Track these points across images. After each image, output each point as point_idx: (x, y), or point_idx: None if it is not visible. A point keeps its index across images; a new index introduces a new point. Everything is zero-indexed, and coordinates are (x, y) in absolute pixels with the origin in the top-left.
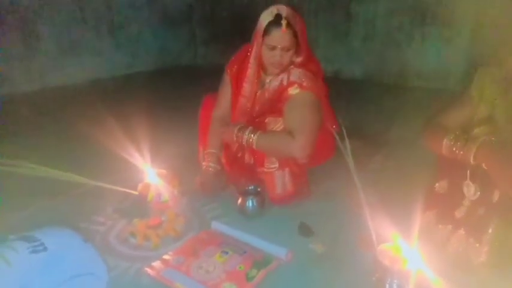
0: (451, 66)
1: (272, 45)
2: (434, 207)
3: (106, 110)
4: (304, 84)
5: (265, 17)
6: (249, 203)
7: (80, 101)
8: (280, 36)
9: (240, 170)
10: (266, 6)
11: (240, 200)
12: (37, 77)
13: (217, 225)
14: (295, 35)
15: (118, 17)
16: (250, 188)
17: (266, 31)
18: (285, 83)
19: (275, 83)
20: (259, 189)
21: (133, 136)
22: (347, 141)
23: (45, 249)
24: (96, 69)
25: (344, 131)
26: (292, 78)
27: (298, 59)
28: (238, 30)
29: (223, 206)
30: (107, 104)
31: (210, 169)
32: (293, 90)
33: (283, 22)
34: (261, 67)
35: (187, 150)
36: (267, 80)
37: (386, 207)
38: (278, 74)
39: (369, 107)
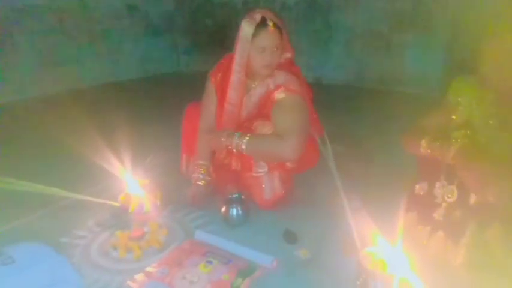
0: (429, 72)
1: (262, 46)
2: (415, 208)
3: (87, 120)
4: (291, 87)
5: (249, 23)
6: (233, 211)
7: (60, 112)
8: (269, 37)
9: (227, 177)
10: (246, 13)
11: (223, 209)
12: (16, 88)
13: (201, 235)
14: (281, 33)
15: (98, 27)
16: (234, 196)
17: (254, 34)
18: (271, 87)
19: (261, 88)
20: (243, 197)
21: (115, 146)
22: (329, 146)
23: (13, 261)
24: (77, 79)
25: (326, 137)
26: (278, 82)
27: (288, 55)
28: (219, 39)
29: (207, 214)
30: (88, 115)
31: (201, 182)
32: (279, 94)
33: (270, 22)
34: (246, 73)
35: (169, 160)
36: (253, 86)
37: (370, 211)
38: (263, 79)
39: (351, 112)
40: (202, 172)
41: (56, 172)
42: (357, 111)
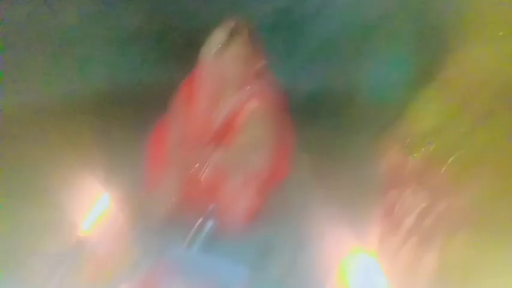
0: (396, 81)
1: (228, 57)
2: (386, 217)
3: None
4: (262, 96)
5: (217, 33)
6: (208, 225)
7: (23, 128)
8: (235, 48)
9: (198, 192)
10: (217, 26)
11: (197, 223)
12: None
13: (173, 253)
14: (246, 45)
15: (64, 38)
16: (209, 209)
17: (221, 45)
18: (243, 98)
19: (232, 100)
20: (217, 211)
21: (82, 161)
22: (303, 157)
23: None
24: (41, 93)
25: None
26: (249, 92)
27: (256, 67)
28: (188, 51)
29: (179, 231)
30: (54, 126)
31: (167, 202)
32: (252, 104)
33: (224, 36)
34: (215, 85)
35: (136, 175)
36: (223, 98)
37: (345, 222)
38: (234, 91)
39: (321, 122)
40: (169, 191)
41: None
42: (327, 121)
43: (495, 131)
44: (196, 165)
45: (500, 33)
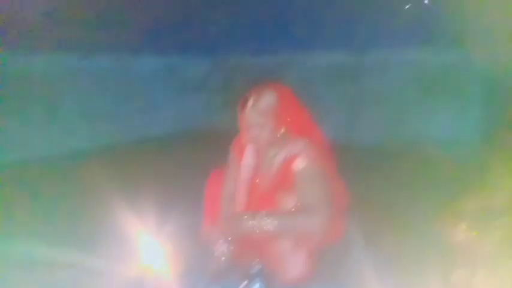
0: (462, 137)
1: (243, 124)
2: None
3: (115, 176)
4: (310, 155)
5: (259, 95)
6: (255, 287)
7: (90, 168)
8: (247, 116)
9: (249, 248)
10: (279, 74)
11: (245, 283)
12: (55, 143)
13: None
14: (261, 114)
15: (136, 85)
16: (256, 269)
17: (240, 111)
18: (289, 155)
19: (280, 157)
20: (265, 271)
21: (138, 208)
22: (355, 220)
23: None
24: (113, 134)
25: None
26: (295, 151)
27: (280, 133)
28: None
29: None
30: (118, 170)
31: (223, 257)
32: (300, 164)
33: (248, 103)
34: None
35: (192, 226)
36: (271, 154)
37: None
38: (281, 148)
39: (380, 176)
40: (227, 241)
41: (74, 234)
42: (387, 175)
43: None
44: (249, 224)
45: None
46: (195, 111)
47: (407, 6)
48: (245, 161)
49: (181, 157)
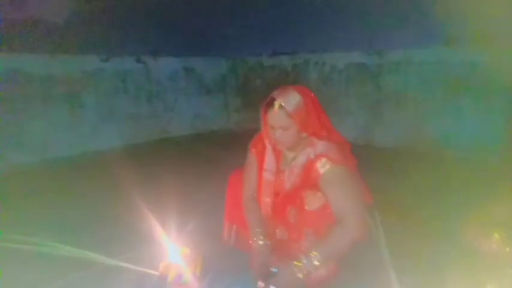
0: (488, 139)
1: (270, 124)
2: None
3: (135, 177)
4: (332, 156)
5: (264, 101)
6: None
7: (111, 167)
8: (273, 117)
9: (273, 248)
10: (295, 76)
11: (261, 284)
12: (78, 142)
13: None
14: (289, 115)
15: (156, 87)
16: (274, 270)
17: (265, 111)
18: (312, 156)
19: (302, 158)
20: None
21: (159, 208)
22: (378, 218)
23: None
24: (133, 134)
25: (375, 208)
26: (318, 152)
27: (303, 135)
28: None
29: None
30: (137, 171)
31: (262, 246)
32: (323, 166)
33: (276, 103)
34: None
35: (212, 225)
36: (291, 156)
37: None
38: (303, 149)
39: (403, 177)
40: (262, 238)
41: (95, 234)
42: (410, 176)
43: None
44: (303, 271)
45: None
46: (214, 112)
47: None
48: (267, 161)
49: (200, 157)
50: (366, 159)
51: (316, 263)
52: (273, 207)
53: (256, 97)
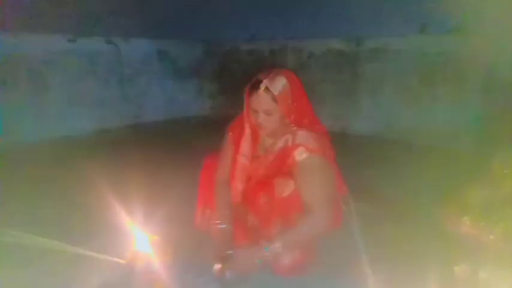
0: (461, 127)
1: (253, 108)
2: None
3: (105, 162)
4: (310, 146)
5: (249, 83)
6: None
7: (80, 153)
8: (258, 100)
9: (240, 234)
10: (272, 61)
11: (217, 266)
12: (44, 126)
13: None
14: (274, 99)
15: (128, 70)
16: (229, 253)
17: (249, 94)
18: (289, 144)
19: (279, 145)
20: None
21: (128, 195)
22: (353, 207)
23: None
24: (104, 119)
25: (350, 197)
26: (297, 141)
27: (286, 122)
28: (245, 85)
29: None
30: (106, 157)
31: (222, 229)
32: (300, 155)
33: (262, 86)
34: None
35: (183, 213)
36: (269, 142)
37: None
38: (282, 136)
39: (378, 165)
40: (226, 221)
41: (60, 222)
42: (385, 164)
43: None
44: (262, 255)
45: None
46: (188, 98)
47: None
48: (243, 146)
49: (174, 143)
50: (341, 146)
51: (277, 250)
52: (245, 193)
53: (232, 82)
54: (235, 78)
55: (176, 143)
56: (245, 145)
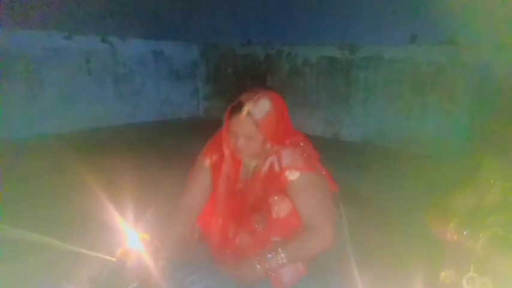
0: (449, 137)
1: (233, 131)
2: None
3: (98, 161)
4: (299, 166)
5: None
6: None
7: (74, 150)
8: (239, 124)
9: (232, 253)
10: (267, 66)
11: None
12: (36, 123)
13: None
14: (256, 125)
15: (123, 69)
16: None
17: (229, 116)
18: (276, 168)
19: (265, 167)
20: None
21: (118, 194)
22: (343, 210)
23: None
24: (97, 118)
25: (339, 199)
26: (284, 163)
27: (267, 146)
28: (239, 88)
29: (207, 278)
30: (98, 156)
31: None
32: (292, 175)
33: (244, 109)
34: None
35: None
36: (253, 165)
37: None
38: (265, 159)
39: (368, 171)
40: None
41: (50, 219)
42: (375, 170)
43: None
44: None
45: None
46: (183, 99)
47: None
48: (225, 172)
49: (167, 145)
50: (332, 153)
51: (282, 260)
52: (235, 216)
53: (227, 85)
54: (230, 82)
55: (170, 144)
56: (227, 170)
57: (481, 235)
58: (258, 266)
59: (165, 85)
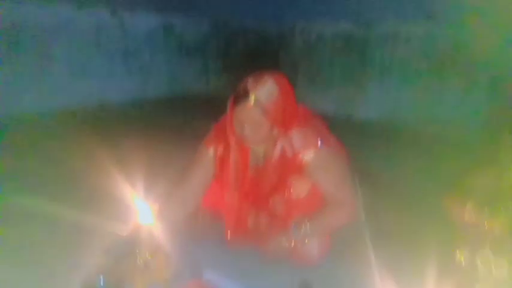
0: (468, 116)
1: (238, 119)
2: (452, 278)
3: (108, 137)
4: (312, 145)
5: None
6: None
7: (84, 126)
8: (245, 112)
9: (243, 234)
10: (280, 42)
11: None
12: (47, 98)
13: (210, 276)
14: (264, 112)
15: (132, 43)
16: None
17: (234, 102)
18: (289, 152)
19: (276, 151)
20: None
21: (130, 170)
22: (359, 190)
23: None
24: (106, 93)
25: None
26: (296, 146)
27: (275, 131)
28: (250, 64)
29: (219, 253)
30: (111, 130)
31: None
32: (307, 156)
33: (251, 97)
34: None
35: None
36: (261, 150)
37: (395, 272)
38: (273, 144)
39: (383, 151)
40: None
41: (62, 193)
42: (391, 150)
43: None
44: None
45: None
46: (193, 75)
47: None
48: (233, 163)
49: (175, 121)
50: (346, 133)
51: (307, 231)
52: (256, 201)
53: (238, 61)
54: (241, 58)
55: (178, 119)
56: (235, 158)
57: (499, 215)
58: (284, 238)
59: (175, 61)
